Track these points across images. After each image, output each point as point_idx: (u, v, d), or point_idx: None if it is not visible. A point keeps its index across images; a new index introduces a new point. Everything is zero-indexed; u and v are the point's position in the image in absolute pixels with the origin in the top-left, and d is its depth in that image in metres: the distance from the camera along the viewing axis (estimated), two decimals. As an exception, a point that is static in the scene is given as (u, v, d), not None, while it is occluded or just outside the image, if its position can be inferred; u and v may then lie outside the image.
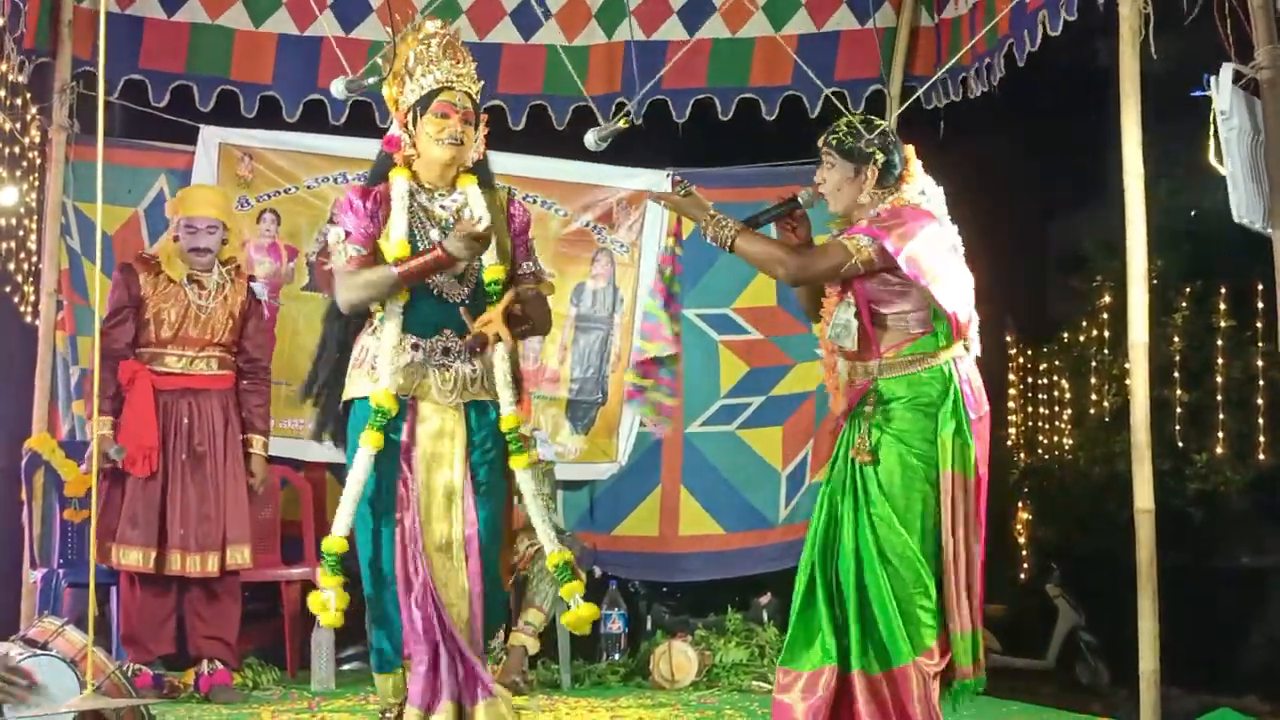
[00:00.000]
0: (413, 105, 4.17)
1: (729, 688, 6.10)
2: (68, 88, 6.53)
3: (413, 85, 4.17)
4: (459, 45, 4.23)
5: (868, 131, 4.13)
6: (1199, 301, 8.40)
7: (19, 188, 6.52)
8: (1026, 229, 9.27)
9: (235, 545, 5.82)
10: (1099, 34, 5.71)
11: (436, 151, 4.16)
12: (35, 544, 6.13)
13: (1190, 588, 6.86)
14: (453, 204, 4.22)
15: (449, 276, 4.15)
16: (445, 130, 4.13)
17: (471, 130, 4.20)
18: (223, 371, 5.95)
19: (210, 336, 5.90)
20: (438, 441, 4.12)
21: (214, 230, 5.90)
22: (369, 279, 4.09)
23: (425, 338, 4.15)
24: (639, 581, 7.32)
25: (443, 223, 4.18)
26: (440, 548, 4.08)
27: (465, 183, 4.24)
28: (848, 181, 4.14)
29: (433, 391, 4.13)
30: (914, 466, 4.00)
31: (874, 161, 4.11)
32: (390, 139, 4.25)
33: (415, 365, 4.13)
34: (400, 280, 4.06)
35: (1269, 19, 4.82)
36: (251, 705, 5.54)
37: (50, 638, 3.88)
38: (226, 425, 5.91)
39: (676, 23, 7.23)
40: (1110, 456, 8.41)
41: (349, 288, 4.12)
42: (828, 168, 4.16)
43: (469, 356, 4.15)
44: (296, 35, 6.98)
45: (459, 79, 4.17)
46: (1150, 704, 4.86)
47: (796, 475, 7.28)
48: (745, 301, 7.35)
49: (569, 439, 7.23)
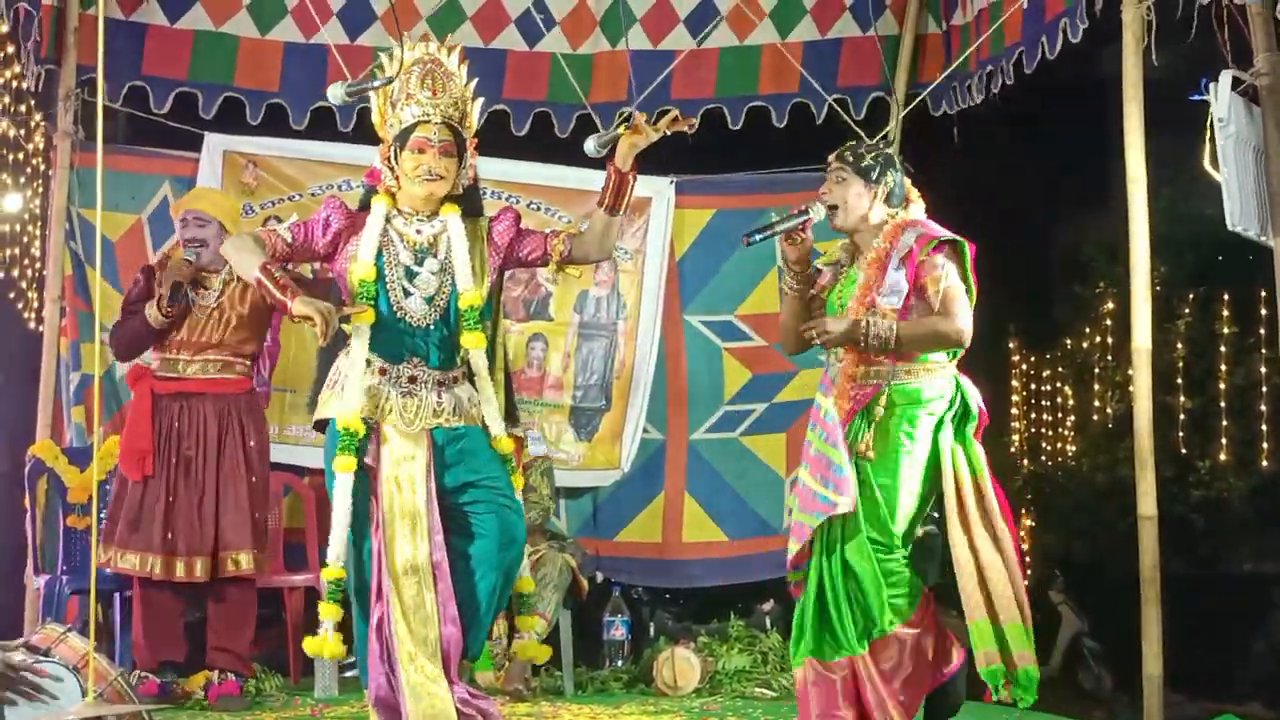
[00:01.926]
0: (393, 141, 4.20)
1: (732, 694, 6.09)
2: (72, 94, 6.53)
3: (393, 119, 4.20)
4: (441, 72, 4.22)
5: (880, 152, 4.36)
6: (1202, 308, 8.41)
7: (24, 194, 6.54)
8: (1029, 236, 9.26)
9: (232, 551, 5.69)
10: (1101, 42, 5.70)
11: (415, 188, 4.19)
12: (38, 550, 6.14)
13: (1193, 594, 6.86)
14: (430, 229, 4.23)
15: (418, 299, 4.17)
16: (420, 166, 4.15)
17: (453, 162, 4.21)
18: (231, 375, 5.80)
19: (207, 339, 5.75)
20: (399, 466, 4.13)
21: (203, 223, 5.76)
22: (242, 247, 4.12)
23: (393, 363, 4.18)
24: (642, 588, 7.32)
25: (415, 247, 4.20)
26: (407, 571, 4.08)
27: (447, 211, 4.25)
28: (858, 198, 4.33)
29: (394, 416, 4.15)
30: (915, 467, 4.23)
31: (884, 181, 4.31)
32: (372, 172, 4.30)
33: (379, 389, 4.16)
34: (253, 281, 4.07)
35: (1268, 26, 4.82)
36: (255, 712, 5.54)
37: (53, 644, 3.88)
38: (223, 430, 5.75)
39: (683, 31, 7.23)
40: (1113, 463, 8.42)
41: (234, 241, 4.23)
42: (838, 183, 4.34)
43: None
44: (302, 43, 6.99)
45: (436, 110, 4.16)
46: (1154, 710, 4.87)
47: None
48: (749, 308, 7.34)
49: (572, 446, 7.22)
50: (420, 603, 4.07)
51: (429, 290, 4.18)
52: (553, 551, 6.16)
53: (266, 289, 4.03)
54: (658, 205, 7.25)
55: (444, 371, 4.23)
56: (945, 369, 4.33)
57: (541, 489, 6.38)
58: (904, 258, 4.25)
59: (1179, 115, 5.25)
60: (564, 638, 6.16)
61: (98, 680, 3.72)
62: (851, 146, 4.39)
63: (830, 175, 4.38)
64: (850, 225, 4.36)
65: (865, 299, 4.26)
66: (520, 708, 5.70)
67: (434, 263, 4.20)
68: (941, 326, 4.23)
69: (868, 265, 4.32)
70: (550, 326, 7.23)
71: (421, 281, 4.19)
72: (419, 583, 4.08)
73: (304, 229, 4.20)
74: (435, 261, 4.20)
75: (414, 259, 4.18)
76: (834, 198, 4.35)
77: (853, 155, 4.35)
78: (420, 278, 4.19)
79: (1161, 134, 5.18)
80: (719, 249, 7.33)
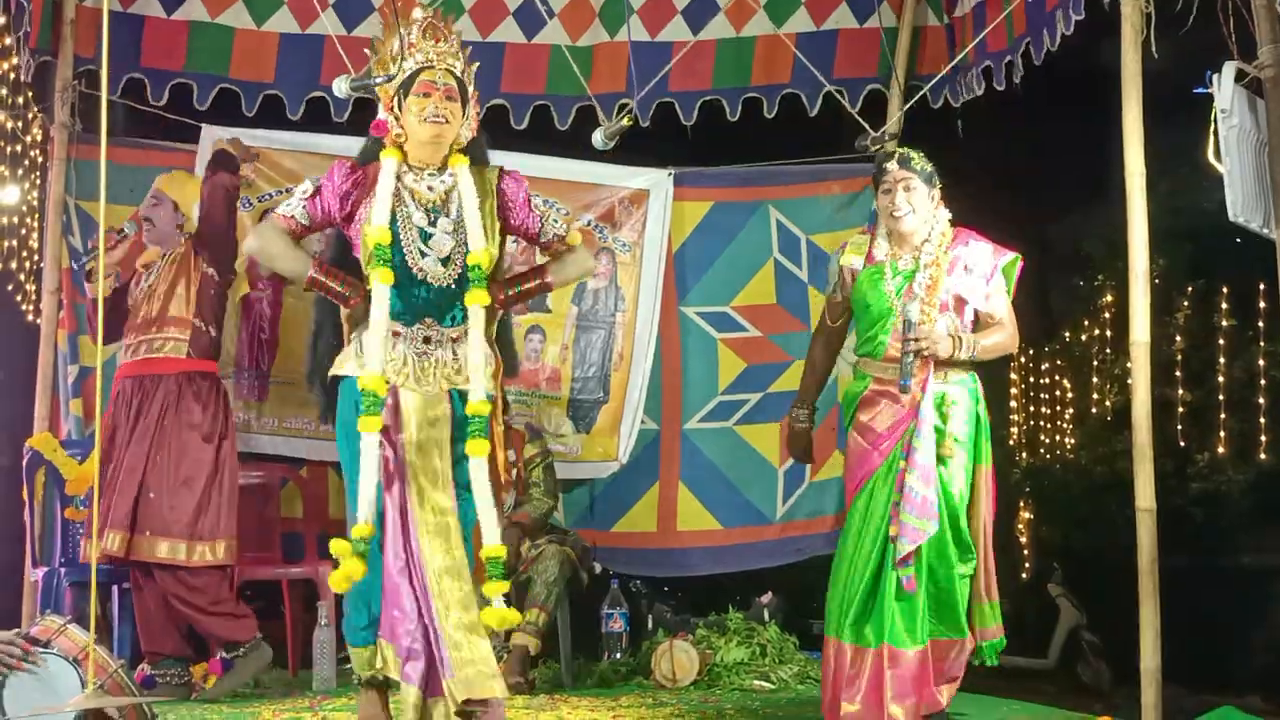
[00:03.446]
0: (397, 89, 4.21)
1: (730, 687, 6.09)
2: (69, 86, 6.52)
3: (396, 70, 4.22)
4: (440, 25, 4.27)
5: (930, 159, 4.76)
6: (1201, 301, 8.43)
7: (21, 186, 6.52)
8: (1028, 228, 9.25)
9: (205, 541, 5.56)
10: (1101, 33, 5.70)
11: (421, 131, 4.19)
12: (36, 543, 6.12)
13: (1192, 587, 6.87)
14: (441, 185, 4.24)
15: (434, 260, 4.16)
16: (427, 108, 4.16)
17: (457, 106, 4.22)
18: (189, 355, 5.66)
19: (156, 316, 5.67)
20: (423, 428, 4.11)
21: (156, 201, 5.76)
22: (281, 250, 4.21)
23: (407, 325, 4.17)
24: (640, 581, 7.33)
25: (428, 204, 4.21)
26: (435, 530, 4.05)
27: (456, 163, 4.26)
28: (925, 203, 4.71)
29: (411, 379, 4.14)
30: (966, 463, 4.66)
31: (937, 185, 4.75)
32: (378, 124, 4.28)
33: (396, 351, 4.14)
34: (306, 283, 4.20)
35: (1272, 18, 4.81)
36: (253, 704, 5.54)
37: (52, 636, 3.87)
38: (178, 411, 5.61)
39: (681, 23, 7.22)
40: (1112, 456, 8.44)
41: (263, 236, 4.26)
42: (907, 189, 4.69)
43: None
44: (298, 34, 6.97)
45: (439, 57, 4.22)
46: (1151, 703, 4.86)
47: (794, 472, 7.28)
48: (744, 299, 7.36)
49: (570, 438, 7.23)
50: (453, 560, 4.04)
51: (444, 250, 4.18)
52: (553, 545, 6.16)
53: (321, 289, 4.21)
54: (656, 198, 7.25)
55: (457, 329, 4.21)
56: (971, 368, 4.74)
57: (543, 485, 6.38)
58: (989, 271, 4.68)
59: (1178, 108, 5.25)
60: (562, 630, 6.16)
61: (98, 672, 3.71)
62: (913, 157, 4.74)
63: (898, 184, 4.70)
64: (913, 228, 4.71)
65: (933, 299, 4.63)
66: (518, 700, 5.70)
67: (447, 222, 4.20)
68: (1006, 339, 4.73)
69: (932, 265, 4.66)
70: (548, 319, 7.22)
71: (436, 242, 4.18)
72: (448, 542, 4.05)
73: (318, 204, 4.21)
74: (448, 220, 4.21)
75: (427, 219, 4.19)
76: (909, 204, 4.69)
77: (920, 166, 4.71)
78: (435, 238, 4.18)
79: (1161, 127, 5.17)
80: (717, 241, 7.35)
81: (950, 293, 4.65)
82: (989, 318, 4.72)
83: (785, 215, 7.37)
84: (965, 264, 4.65)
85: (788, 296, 7.35)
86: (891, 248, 4.77)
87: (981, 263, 4.67)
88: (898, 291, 4.68)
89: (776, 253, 7.36)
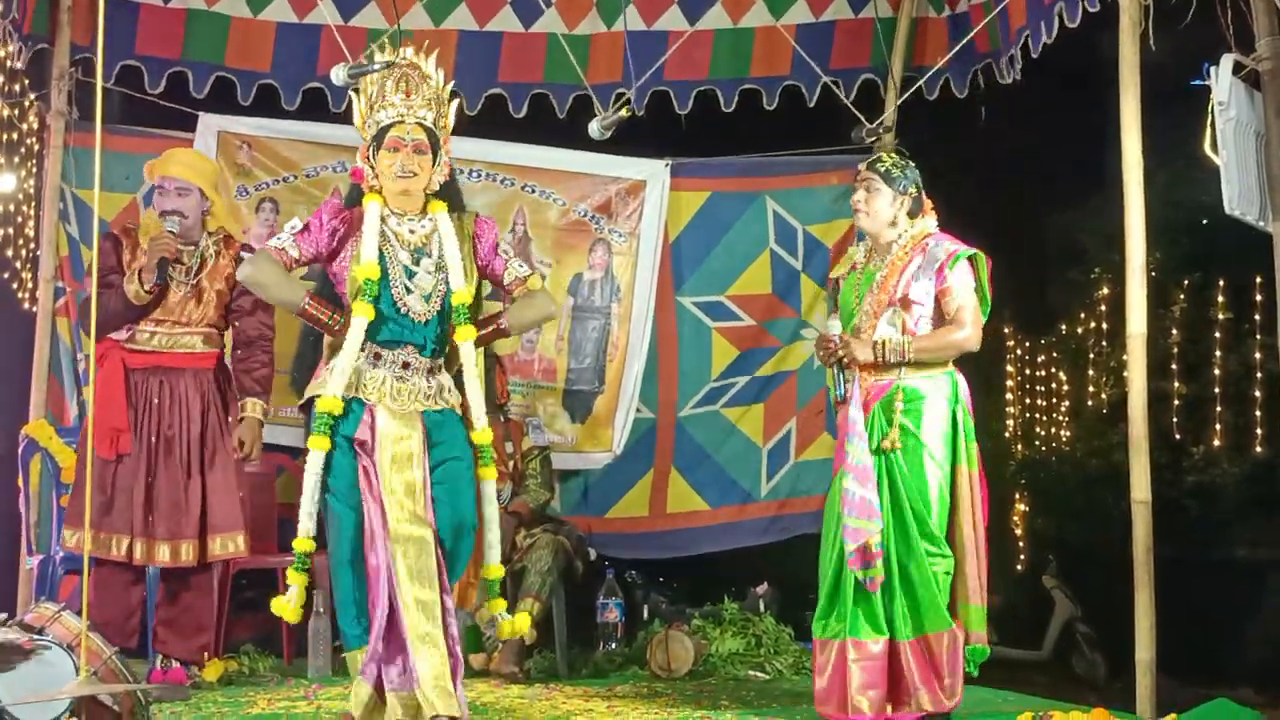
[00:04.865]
0: (370, 142, 4.46)
1: (725, 677, 6.09)
2: (66, 74, 6.51)
3: (370, 122, 4.47)
4: (416, 76, 4.47)
5: (908, 165, 4.76)
6: (1197, 294, 8.42)
7: (17, 174, 6.51)
8: (1024, 221, 9.27)
9: (221, 534, 5.59)
10: (1099, 25, 5.69)
11: (391, 185, 4.45)
12: (32, 530, 6.12)
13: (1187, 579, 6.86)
14: (422, 228, 4.49)
15: (418, 297, 4.42)
16: (395, 164, 4.41)
17: (427, 159, 4.46)
18: (206, 349, 5.65)
19: (187, 316, 5.61)
20: (397, 443, 4.34)
21: (185, 193, 5.60)
22: (277, 280, 4.41)
23: (389, 350, 4.43)
24: (636, 571, 7.33)
25: (411, 246, 4.46)
26: (411, 539, 4.23)
27: (435, 209, 4.52)
28: (886, 206, 4.75)
29: (388, 398, 4.39)
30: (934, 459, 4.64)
31: (909, 193, 4.76)
32: (355, 171, 4.53)
33: (375, 373, 4.40)
34: (297, 312, 4.42)
35: (1270, 10, 4.81)
36: (248, 693, 5.54)
37: (47, 623, 3.88)
38: (206, 408, 5.60)
39: (678, 12, 7.21)
40: (1108, 448, 8.44)
41: (259, 268, 4.43)
42: (867, 190, 4.76)
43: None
44: (296, 23, 6.96)
45: (409, 111, 4.43)
46: (1146, 695, 4.87)
47: (778, 451, 7.33)
48: (739, 289, 7.37)
49: (566, 428, 7.23)
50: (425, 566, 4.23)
51: (427, 288, 4.44)
52: (547, 535, 6.16)
53: (312, 320, 4.43)
54: (653, 188, 7.25)
55: (433, 360, 4.51)
56: (946, 365, 4.73)
57: (540, 477, 6.39)
58: (935, 270, 4.67)
59: (1175, 100, 5.24)
60: (558, 620, 6.16)
61: (92, 659, 3.71)
62: (883, 159, 4.79)
63: (860, 183, 4.78)
64: (876, 230, 4.77)
65: (880, 298, 4.68)
66: (514, 689, 5.70)
67: (429, 261, 4.47)
68: (955, 336, 4.68)
69: (887, 266, 4.73)
70: (544, 310, 7.21)
71: (420, 280, 4.44)
72: (423, 551, 4.23)
73: (309, 239, 4.45)
74: (430, 260, 4.47)
75: (411, 258, 4.45)
76: (864, 206, 4.76)
77: (884, 167, 4.75)
78: (418, 277, 4.44)
79: (1158, 119, 5.17)
80: (713, 231, 7.35)
81: (900, 293, 4.68)
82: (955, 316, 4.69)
83: (782, 206, 7.38)
84: (921, 264, 4.70)
85: (781, 285, 7.36)
86: (868, 253, 4.88)
87: (934, 262, 4.69)
88: (860, 296, 4.77)
89: (773, 243, 7.37)
